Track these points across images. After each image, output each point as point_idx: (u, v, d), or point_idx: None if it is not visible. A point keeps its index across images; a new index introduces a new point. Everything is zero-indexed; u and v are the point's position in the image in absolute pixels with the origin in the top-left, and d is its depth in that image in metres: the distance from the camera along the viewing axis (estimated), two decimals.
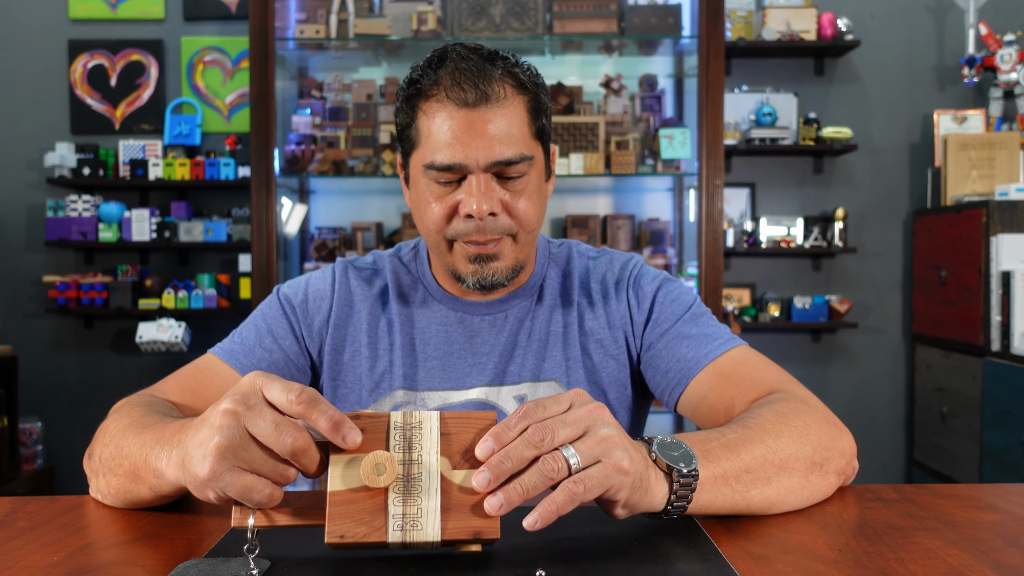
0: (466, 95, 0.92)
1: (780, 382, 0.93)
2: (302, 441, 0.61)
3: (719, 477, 0.72)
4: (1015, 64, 2.97)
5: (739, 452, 0.75)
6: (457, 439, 0.63)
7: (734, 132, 3.12)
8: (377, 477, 0.60)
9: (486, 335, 1.06)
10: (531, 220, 0.99)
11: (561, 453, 0.62)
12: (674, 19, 2.87)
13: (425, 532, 0.60)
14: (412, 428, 0.63)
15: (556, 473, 0.62)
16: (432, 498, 0.61)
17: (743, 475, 0.74)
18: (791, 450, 0.78)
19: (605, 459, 0.63)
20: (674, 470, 0.68)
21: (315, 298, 1.07)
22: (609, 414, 0.67)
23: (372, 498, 0.61)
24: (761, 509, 0.76)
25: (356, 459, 0.61)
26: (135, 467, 0.75)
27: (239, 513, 0.62)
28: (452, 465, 0.62)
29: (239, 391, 0.63)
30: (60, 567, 0.65)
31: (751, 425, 0.79)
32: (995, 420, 2.60)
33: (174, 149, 3.16)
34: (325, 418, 0.61)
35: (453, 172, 0.95)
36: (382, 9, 2.93)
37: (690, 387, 0.99)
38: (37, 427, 3.06)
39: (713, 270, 2.77)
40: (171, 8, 3.23)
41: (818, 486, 0.79)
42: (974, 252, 2.73)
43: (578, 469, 0.62)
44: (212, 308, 3.06)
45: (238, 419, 0.61)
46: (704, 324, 1.04)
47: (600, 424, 0.65)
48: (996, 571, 0.63)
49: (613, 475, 0.63)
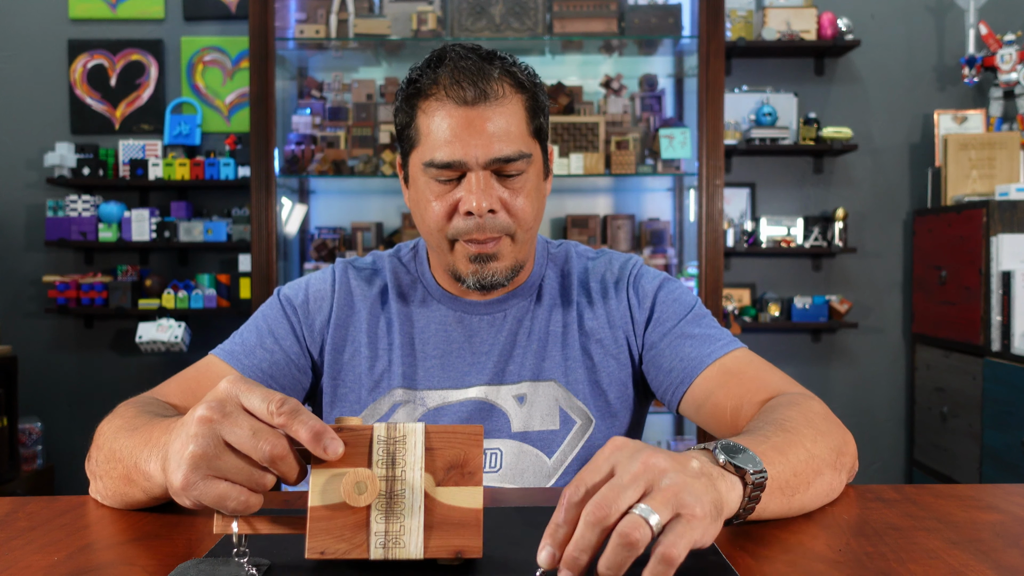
0: (465, 93, 0.93)
1: (787, 384, 0.94)
2: (280, 448, 0.59)
3: (775, 481, 0.71)
4: (1015, 64, 2.97)
5: (787, 455, 0.73)
6: (441, 454, 0.61)
7: (734, 132, 3.11)
8: (358, 496, 0.58)
9: (485, 334, 1.06)
10: (529, 218, 0.99)
11: (637, 515, 0.55)
12: (674, 19, 2.87)
13: (407, 550, 0.59)
14: (396, 442, 0.61)
15: (640, 540, 0.54)
16: (415, 516, 0.59)
17: (792, 479, 0.73)
18: (822, 453, 0.77)
19: (683, 510, 0.56)
20: (747, 473, 0.65)
21: (316, 298, 1.08)
22: (657, 454, 0.59)
23: (354, 514, 0.59)
24: (796, 512, 0.75)
25: (338, 474, 0.60)
26: (127, 470, 0.75)
27: (220, 520, 0.62)
28: (436, 482, 0.61)
29: (215, 397, 0.62)
30: (60, 567, 0.65)
31: (788, 428, 0.77)
32: (995, 420, 2.60)
33: (174, 149, 3.16)
34: (306, 429, 0.59)
35: (452, 170, 0.95)
36: (382, 9, 2.93)
37: (694, 386, 0.99)
38: (37, 427, 3.06)
39: (713, 270, 2.77)
40: (171, 8, 3.23)
41: (835, 488, 0.80)
42: (974, 252, 2.73)
43: (660, 527, 0.55)
44: (212, 308, 3.06)
45: (213, 427, 0.60)
46: (707, 325, 1.04)
47: (659, 473, 0.57)
48: (996, 571, 0.63)
49: (697, 527, 0.56)
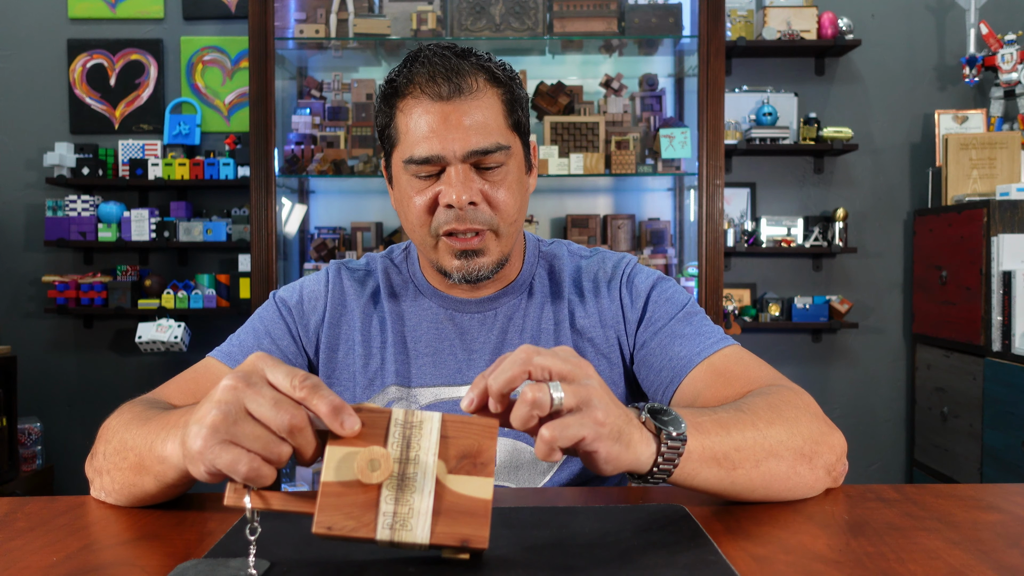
0: (440, 89, 0.95)
1: (775, 380, 0.94)
2: (299, 419, 0.60)
3: (707, 450, 0.73)
4: (1016, 64, 2.97)
5: (730, 430, 0.76)
6: (456, 443, 0.62)
7: (734, 132, 3.11)
8: (371, 473, 0.59)
9: (476, 332, 1.07)
10: (512, 211, 1.00)
11: (547, 386, 0.63)
12: (674, 19, 2.87)
13: (414, 533, 0.59)
14: (412, 427, 0.62)
15: (538, 401, 0.62)
16: (425, 499, 0.60)
17: (732, 453, 0.75)
18: (781, 437, 0.78)
19: (585, 408, 0.64)
20: (662, 431, 0.69)
21: (310, 299, 1.10)
22: (595, 372, 0.68)
23: (365, 493, 0.60)
24: (744, 491, 0.77)
25: (353, 452, 0.60)
26: (140, 458, 0.76)
27: (232, 493, 0.61)
28: (448, 469, 0.61)
29: (242, 369, 0.64)
30: (59, 567, 0.64)
31: (744, 409, 0.80)
32: (996, 420, 2.60)
33: (173, 149, 3.15)
34: (325, 403, 0.60)
35: (432, 164, 0.97)
36: (382, 9, 2.93)
37: (683, 385, 0.99)
38: (36, 427, 3.06)
39: (713, 270, 2.77)
40: (170, 8, 3.23)
41: (804, 478, 0.79)
42: (975, 252, 2.73)
43: (558, 408, 0.63)
44: (211, 308, 3.06)
45: (237, 394, 0.62)
46: (698, 323, 1.04)
47: (588, 375, 0.66)
48: (997, 571, 0.63)
49: (589, 424, 0.64)
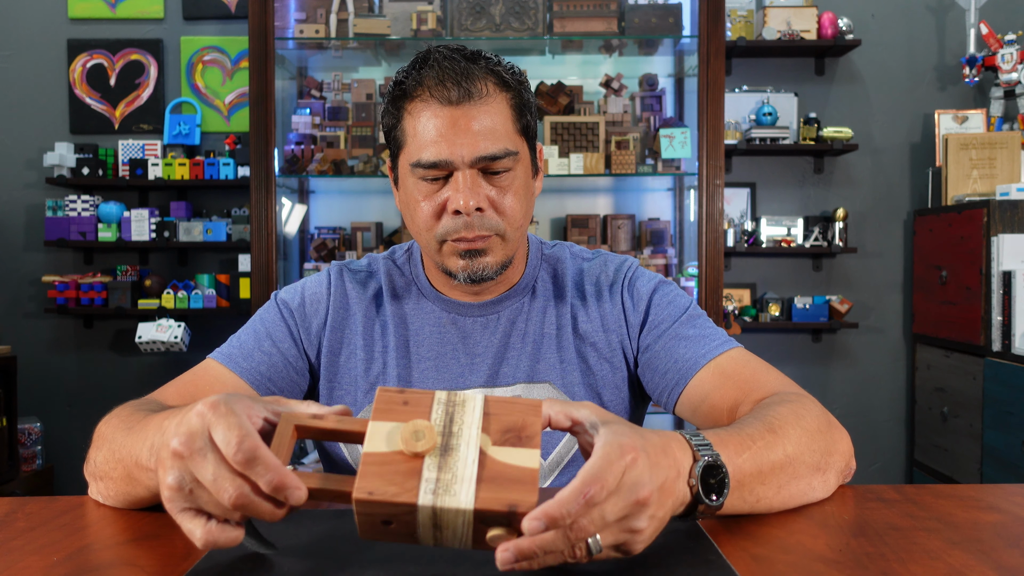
0: (449, 93, 0.94)
1: (783, 384, 0.94)
2: (240, 497, 0.57)
3: (738, 499, 0.72)
4: (1016, 64, 2.97)
5: (763, 470, 0.74)
6: (499, 419, 0.62)
7: (734, 132, 3.11)
8: (415, 443, 0.59)
9: (479, 336, 1.06)
10: (518, 216, 0.99)
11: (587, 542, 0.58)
12: (674, 19, 2.87)
13: (458, 498, 0.57)
14: (455, 405, 0.62)
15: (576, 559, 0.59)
16: (469, 467, 0.59)
17: (758, 488, 0.74)
18: (804, 456, 0.78)
19: (624, 548, 0.60)
20: (701, 502, 0.66)
21: (312, 302, 1.08)
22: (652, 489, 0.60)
23: (407, 462, 0.59)
24: (762, 512, 0.76)
25: (396, 428, 0.60)
26: (127, 469, 0.75)
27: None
28: (492, 442, 0.61)
29: (188, 429, 0.60)
30: (59, 568, 0.64)
31: (775, 428, 0.78)
32: (996, 420, 2.60)
33: (173, 149, 3.15)
34: (264, 481, 0.57)
35: (439, 169, 0.96)
36: (382, 9, 2.93)
37: (689, 387, 0.99)
38: (36, 427, 3.06)
39: (713, 270, 2.77)
40: (170, 8, 3.23)
41: (817, 489, 0.80)
42: (975, 252, 2.73)
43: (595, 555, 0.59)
44: (212, 308, 3.06)
45: (184, 463, 0.59)
46: (701, 326, 1.04)
47: (639, 516, 0.59)
48: (997, 572, 0.63)
49: (620, 556, 0.61)
